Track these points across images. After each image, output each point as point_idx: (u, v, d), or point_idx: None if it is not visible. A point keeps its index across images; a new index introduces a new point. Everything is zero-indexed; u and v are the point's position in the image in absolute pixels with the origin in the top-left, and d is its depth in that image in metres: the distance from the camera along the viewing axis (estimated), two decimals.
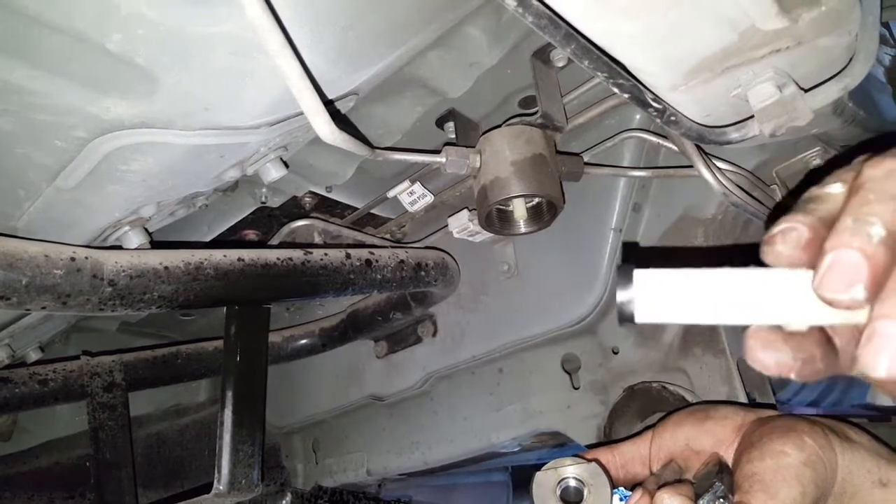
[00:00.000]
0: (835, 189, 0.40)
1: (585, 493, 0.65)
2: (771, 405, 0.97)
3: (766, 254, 0.39)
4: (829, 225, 0.37)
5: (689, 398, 0.98)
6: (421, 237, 1.27)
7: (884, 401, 1.42)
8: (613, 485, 0.66)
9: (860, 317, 0.36)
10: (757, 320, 0.40)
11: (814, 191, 0.41)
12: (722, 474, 0.57)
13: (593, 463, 0.67)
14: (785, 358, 0.40)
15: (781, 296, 0.39)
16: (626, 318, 0.41)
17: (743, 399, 0.93)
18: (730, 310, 0.40)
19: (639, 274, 0.41)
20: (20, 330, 1.09)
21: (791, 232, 0.38)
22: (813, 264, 0.36)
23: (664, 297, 0.40)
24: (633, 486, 0.64)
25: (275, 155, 0.82)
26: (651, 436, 0.70)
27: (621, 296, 0.41)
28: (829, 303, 0.35)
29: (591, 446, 0.93)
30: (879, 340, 0.33)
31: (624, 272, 0.41)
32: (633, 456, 0.71)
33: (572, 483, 0.66)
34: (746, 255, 0.41)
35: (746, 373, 0.96)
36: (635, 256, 1.04)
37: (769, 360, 0.40)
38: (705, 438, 0.65)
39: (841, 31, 0.58)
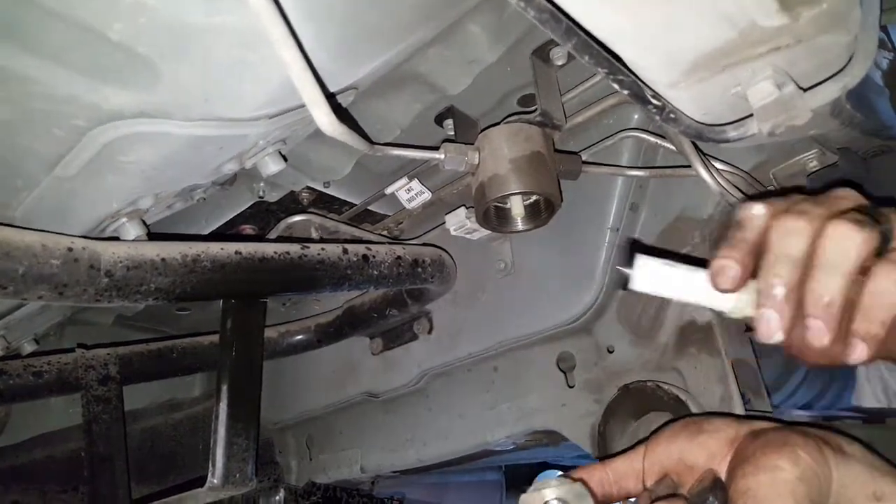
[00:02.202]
0: (759, 213, 0.57)
1: None
2: (765, 411, 0.97)
3: (714, 283, 0.58)
4: (755, 254, 0.56)
5: (684, 398, 0.98)
6: (418, 234, 1.27)
7: (869, 402, 1.44)
8: None
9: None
10: (706, 305, 0.61)
11: (742, 214, 0.58)
12: (716, 490, 0.57)
13: (578, 483, 0.66)
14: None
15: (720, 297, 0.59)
16: (624, 285, 0.62)
17: (737, 399, 0.93)
18: (691, 296, 0.61)
19: (641, 257, 0.61)
20: (15, 321, 1.09)
21: (726, 271, 0.57)
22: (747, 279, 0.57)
23: (652, 277, 0.61)
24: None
25: (273, 148, 0.82)
26: (644, 450, 0.70)
27: (624, 269, 0.62)
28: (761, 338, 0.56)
29: (583, 457, 0.92)
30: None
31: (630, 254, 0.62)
32: (626, 471, 0.70)
33: None
34: None
35: (741, 373, 0.96)
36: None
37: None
38: (699, 452, 0.64)
39: (841, 29, 0.58)
